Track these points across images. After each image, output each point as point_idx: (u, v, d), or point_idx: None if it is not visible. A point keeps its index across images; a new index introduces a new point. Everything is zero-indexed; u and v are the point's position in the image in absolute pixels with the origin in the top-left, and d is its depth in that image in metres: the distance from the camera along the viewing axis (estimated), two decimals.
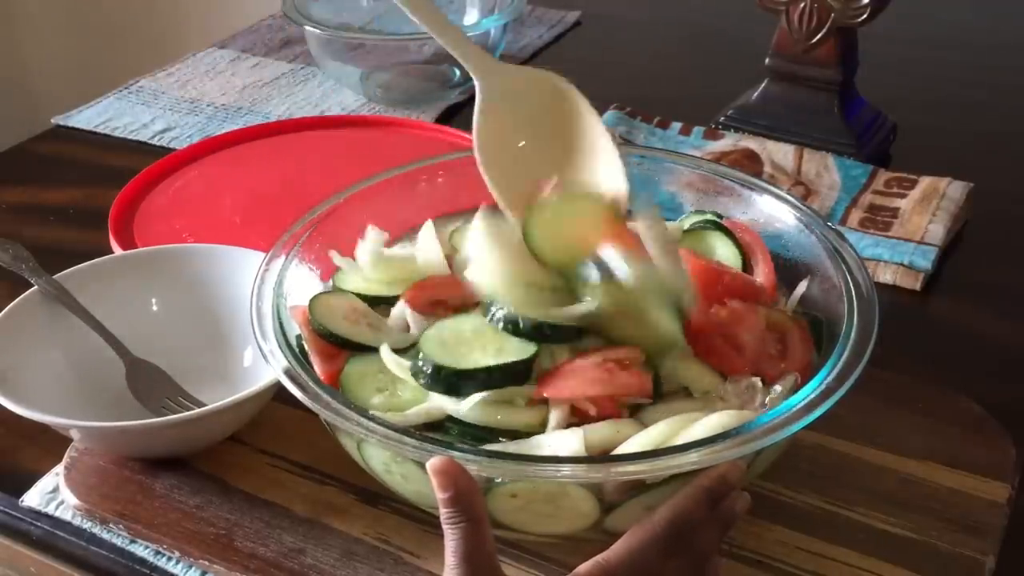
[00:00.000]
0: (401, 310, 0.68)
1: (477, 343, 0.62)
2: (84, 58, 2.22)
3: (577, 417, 0.61)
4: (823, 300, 0.69)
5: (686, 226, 0.76)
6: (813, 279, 0.71)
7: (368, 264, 0.71)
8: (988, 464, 0.72)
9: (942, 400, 0.77)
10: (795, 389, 0.62)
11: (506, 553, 0.65)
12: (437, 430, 0.62)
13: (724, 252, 0.73)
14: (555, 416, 0.61)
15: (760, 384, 0.63)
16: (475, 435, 0.61)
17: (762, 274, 0.72)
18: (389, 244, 0.74)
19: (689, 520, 0.55)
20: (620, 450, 0.59)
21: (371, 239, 0.73)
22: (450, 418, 0.62)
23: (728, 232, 0.74)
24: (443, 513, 0.53)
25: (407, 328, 0.68)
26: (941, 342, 0.87)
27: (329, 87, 1.29)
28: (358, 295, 0.70)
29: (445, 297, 0.68)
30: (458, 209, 0.76)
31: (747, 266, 0.73)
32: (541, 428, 0.61)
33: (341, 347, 0.66)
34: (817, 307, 0.70)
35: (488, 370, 0.60)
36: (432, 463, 0.53)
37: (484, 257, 0.64)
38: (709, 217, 0.76)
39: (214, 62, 1.36)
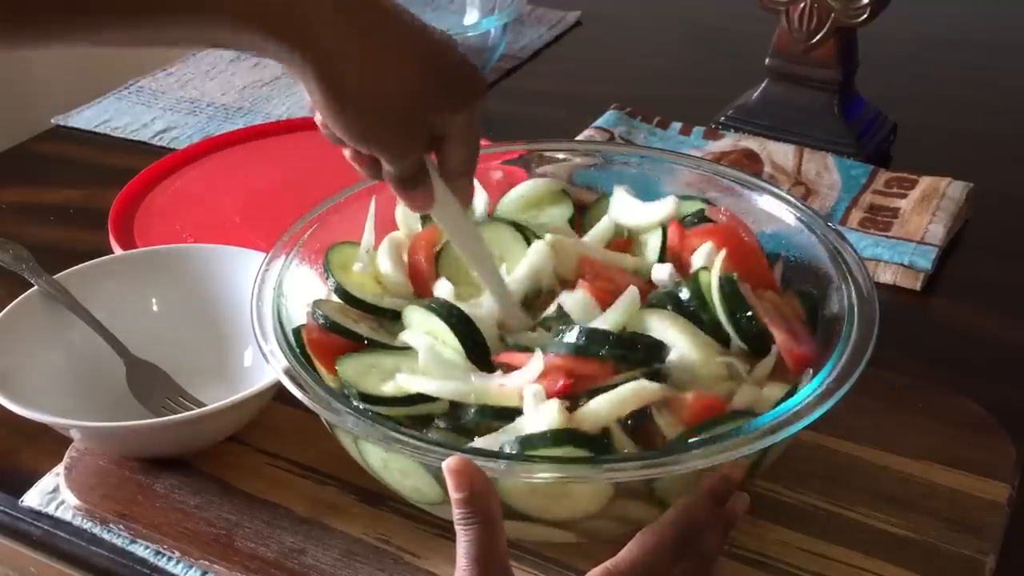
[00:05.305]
0: None
1: None
2: (84, 58, 2.20)
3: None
4: (822, 300, 0.69)
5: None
6: (813, 279, 0.71)
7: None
8: (988, 464, 0.72)
9: (942, 400, 0.77)
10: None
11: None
12: (426, 424, 0.63)
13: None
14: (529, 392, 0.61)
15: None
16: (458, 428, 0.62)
17: None
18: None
19: (695, 522, 0.55)
20: None
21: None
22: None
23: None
24: (456, 513, 0.52)
25: None
26: (941, 342, 0.87)
27: None
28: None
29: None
30: None
31: None
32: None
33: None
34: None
35: None
36: (448, 463, 0.52)
37: None
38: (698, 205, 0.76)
39: (214, 62, 1.36)
